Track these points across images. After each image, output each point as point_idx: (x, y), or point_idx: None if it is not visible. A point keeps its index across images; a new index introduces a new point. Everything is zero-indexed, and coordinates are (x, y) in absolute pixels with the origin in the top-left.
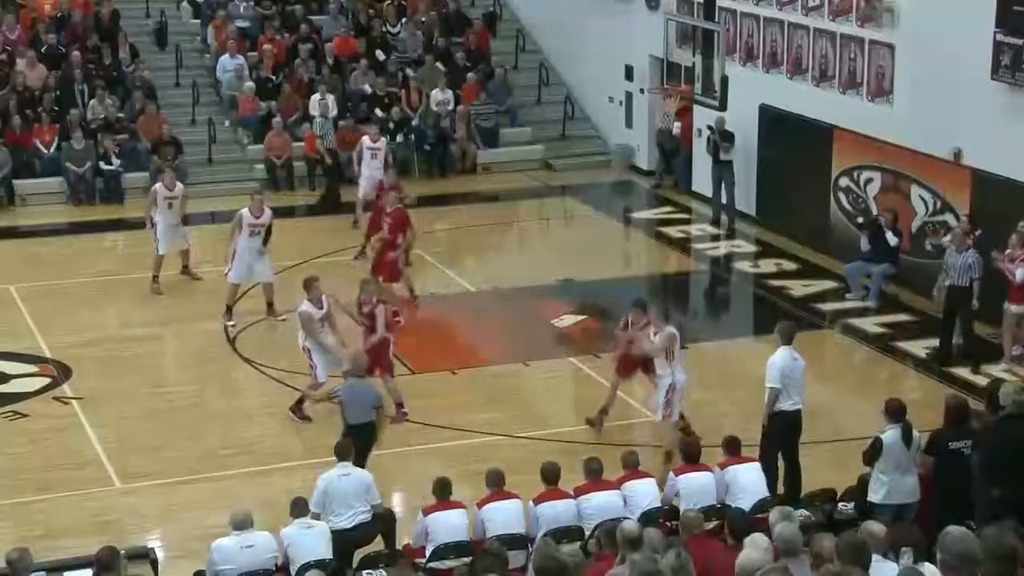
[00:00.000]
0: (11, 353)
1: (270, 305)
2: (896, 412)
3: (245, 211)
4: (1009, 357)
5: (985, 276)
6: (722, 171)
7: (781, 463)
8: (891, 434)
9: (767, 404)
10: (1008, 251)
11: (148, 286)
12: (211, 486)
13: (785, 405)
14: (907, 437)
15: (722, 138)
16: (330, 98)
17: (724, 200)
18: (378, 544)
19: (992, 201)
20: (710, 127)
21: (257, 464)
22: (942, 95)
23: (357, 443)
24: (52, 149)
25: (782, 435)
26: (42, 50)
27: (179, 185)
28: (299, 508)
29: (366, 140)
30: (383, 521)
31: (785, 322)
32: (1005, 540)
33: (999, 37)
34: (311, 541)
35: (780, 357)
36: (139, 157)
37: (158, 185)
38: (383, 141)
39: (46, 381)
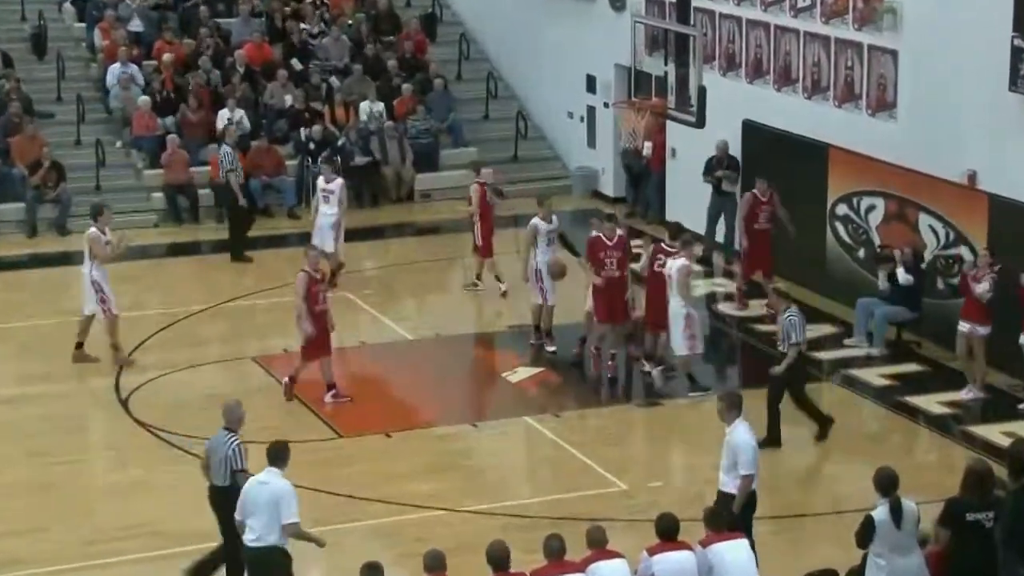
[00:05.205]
0: None
1: (333, 274)
2: (884, 484)
3: (320, 179)
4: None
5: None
6: (723, 204)
7: None
8: (882, 510)
9: (741, 492)
10: (973, 271)
11: (112, 357)
12: (105, 574)
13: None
14: (896, 513)
15: (728, 167)
16: (240, 113)
17: (720, 237)
18: None
19: (1012, 231)
20: (715, 158)
21: (159, 548)
22: (953, 109)
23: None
24: None
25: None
26: None
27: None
28: None
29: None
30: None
31: (730, 392)
32: None
33: (1018, 43)
34: None
35: (750, 435)
36: (13, 184)
37: (96, 231)
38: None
39: None
